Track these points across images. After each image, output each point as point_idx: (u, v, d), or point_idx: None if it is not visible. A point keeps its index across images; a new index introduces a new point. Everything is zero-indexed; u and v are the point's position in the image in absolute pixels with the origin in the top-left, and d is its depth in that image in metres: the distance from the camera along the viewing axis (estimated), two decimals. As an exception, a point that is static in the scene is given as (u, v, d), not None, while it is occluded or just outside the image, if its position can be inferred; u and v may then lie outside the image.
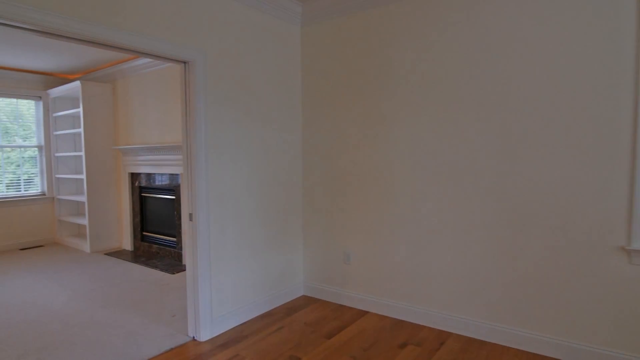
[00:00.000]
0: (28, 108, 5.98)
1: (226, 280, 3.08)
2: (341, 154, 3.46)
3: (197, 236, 2.87)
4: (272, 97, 3.42)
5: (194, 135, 2.84)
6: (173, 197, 5.03)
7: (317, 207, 3.66)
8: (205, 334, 2.91)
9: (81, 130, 5.50)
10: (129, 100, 5.49)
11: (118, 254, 5.43)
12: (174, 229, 5.08)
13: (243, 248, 3.22)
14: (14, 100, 5.83)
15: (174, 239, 5.08)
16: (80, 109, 5.45)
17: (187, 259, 2.96)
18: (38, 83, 5.94)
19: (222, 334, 3.01)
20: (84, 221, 5.66)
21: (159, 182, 5.17)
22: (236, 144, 3.12)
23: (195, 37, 2.80)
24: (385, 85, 3.18)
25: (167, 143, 4.91)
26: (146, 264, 4.92)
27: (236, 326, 3.13)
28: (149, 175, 5.31)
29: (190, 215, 2.90)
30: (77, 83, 5.39)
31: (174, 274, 4.54)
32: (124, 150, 5.48)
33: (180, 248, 4.95)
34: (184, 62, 2.83)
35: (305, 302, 3.61)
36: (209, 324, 2.94)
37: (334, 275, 3.59)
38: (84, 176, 5.55)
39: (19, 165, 5.94)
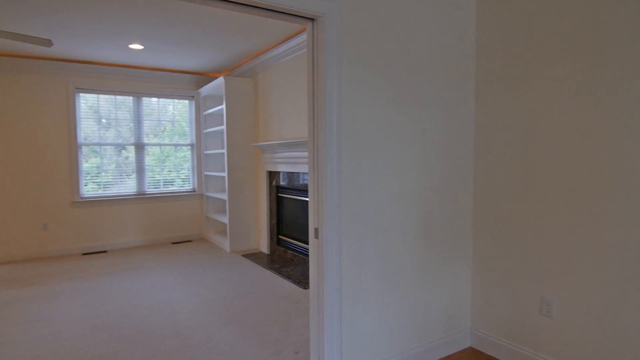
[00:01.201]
0: (183, 107, 6.22)
1: (362, 322, 2.22)
2: (542, 150, 2.25)
3: (325, 260, 2.07)
4: (431, 65, 2.41)
5: (322, 122, 2.04)
6: (308, 199, 4.44)
7: (497, 228, 2.50)
8: (332, 397, 2.10)
9: (224, 127, 5.39)
10: (268, 94, 5.14)
11: (254, 256, 5.13)
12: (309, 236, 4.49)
13: (386, 279, 2.30)
14: (171, 100, 6.11)
15: (309, 246, 4.49)
16: (224, 106, 5.33)
17: (311, 289, 2.20)
18: (191, 83, 6.11)
19: (355, 398, 2.16)
20: (226, 219, 5.55)
21: (295, 181, 4.66)
22: (379, 134, 2.23)
23: (327, -17, 2.00)
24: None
25: (302, 138, 4.33)
26: (279, 271, 4.44)
27: (375, 387, 2.24)
28: (285, 174, 4.85)
29: (316, 230, 2.12)
30: (221, 79, 5.27)
31: (305, 288, 3.91)
32: (262, 147, 5.15)
33: (315, 258, 4.32)
34: (312, 20, 2.06)
35: (474, 359, 2.51)
36: (337, 382, 2.12)
37: (521, 329, 2.39)
38: (225, 174, 5.43)
39: (188, 162, 6.22)
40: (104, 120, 5.64)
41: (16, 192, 5.05)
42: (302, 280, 4.13)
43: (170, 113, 6.13)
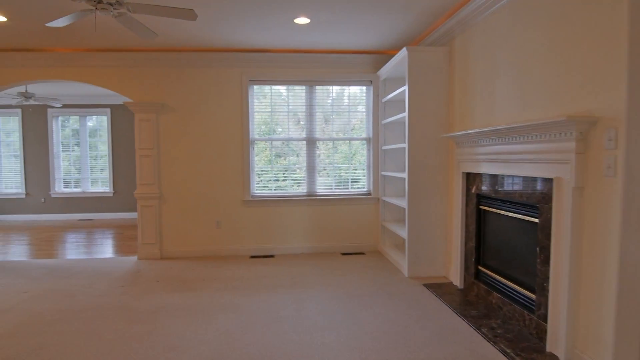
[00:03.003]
0: (359, 95, 5.26)
1: None
2: None
3: None
4: None
5: None
6: (535, 220, 2.77)
7: None
8: None
9: (405, 114, 4.14)
10: (469, 64, 3.64)
11: (441, 290, 3.72)
12: (534, 277, 2.82)
13: None
14: (346, 87, 5.22)
15: (532, 295, 2.82)
16: (406, 87, 4.08)
17: None
18: (367, 65, 5.09)
19: None
20: (405, 233, 4.31)
21: (510, 188, 3.05)
22: None
23: None
24: None
25: (529, 121, 2.71)
26: (477, 324, 2.94)
27: None
28: (492, 177, 3.28)
29: None
30: (403, 52, 4.04)
31: (529, 372, 2.32)
32: (457, 139, 3.70)
33: (545, 317, 2.64)
34: None
35: None
36: None
37: None
38: (405, 175, 4.18)
39: (364, 160, 5.34)
40: (276, 114, 5.17)
41: (195, 188, 5.00)
42: (521, 353, 2.53)
43: (345, 102, 5.26)
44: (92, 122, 8.36)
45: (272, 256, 5.02)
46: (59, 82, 6.36)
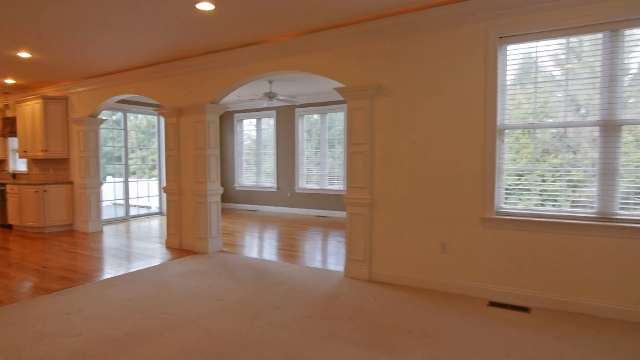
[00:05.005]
0: None
1: None
2: None
3: None
4: None
5: None
6: None
7: None
8: None
9: None
10: None
11: None
12: None
13: None
14: (697, 21, 2.78)
15: None
16: None
17: None
18: None
19: None
20: None
21: None
22: None
23: None
24: None
25: None
26: None
27: None
28: None
29: None
30: None
31: None
32: None
33: None
34: None
35: None
36: None
37: None
38: None
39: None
40: (540, 84, 3.28)
41: (414, 195, 3.73)
42: None
43: (691, 51, 2.83)
44: (330, 119, 8.32)
45: (525, 309, 3.20)
46: (289, 79, 6.32)
